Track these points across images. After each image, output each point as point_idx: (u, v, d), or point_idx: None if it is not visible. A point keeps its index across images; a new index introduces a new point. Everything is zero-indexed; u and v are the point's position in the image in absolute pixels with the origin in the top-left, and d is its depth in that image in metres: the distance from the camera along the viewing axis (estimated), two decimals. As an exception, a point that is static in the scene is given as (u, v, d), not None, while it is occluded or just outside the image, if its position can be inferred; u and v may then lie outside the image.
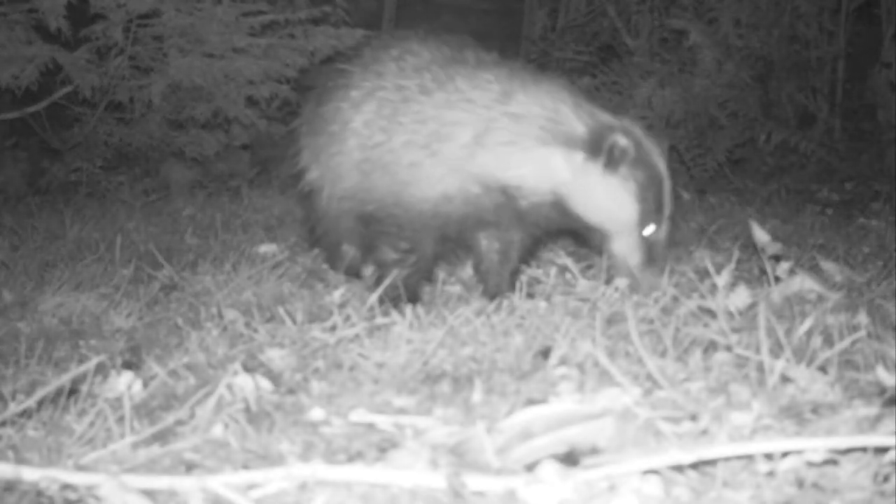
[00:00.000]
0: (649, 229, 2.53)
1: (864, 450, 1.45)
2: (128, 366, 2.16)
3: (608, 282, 2.56)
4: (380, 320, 2.35)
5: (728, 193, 5.15)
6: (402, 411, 1.81)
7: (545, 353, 2.06)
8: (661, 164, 2.53)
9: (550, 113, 2.52)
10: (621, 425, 1.60)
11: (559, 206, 2.54)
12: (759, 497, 1.39)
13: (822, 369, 1.79)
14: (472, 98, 2.57)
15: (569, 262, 2.87)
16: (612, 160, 2.44)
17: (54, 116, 5.10)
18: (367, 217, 2.75)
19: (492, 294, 2.79)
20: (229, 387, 1.87)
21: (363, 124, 2.71)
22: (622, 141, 2.44)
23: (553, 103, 2.54)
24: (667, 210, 2.54)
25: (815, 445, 1.43)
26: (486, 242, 2.85)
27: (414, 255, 2.68)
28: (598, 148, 2.45)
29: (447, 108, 2.58)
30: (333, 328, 2.25)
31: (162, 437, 1.69)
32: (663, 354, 1.98)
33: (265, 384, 1.95)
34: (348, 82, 2.82)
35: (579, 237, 2.80)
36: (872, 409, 1.59)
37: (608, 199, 2.49)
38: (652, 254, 2.54)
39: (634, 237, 2.53)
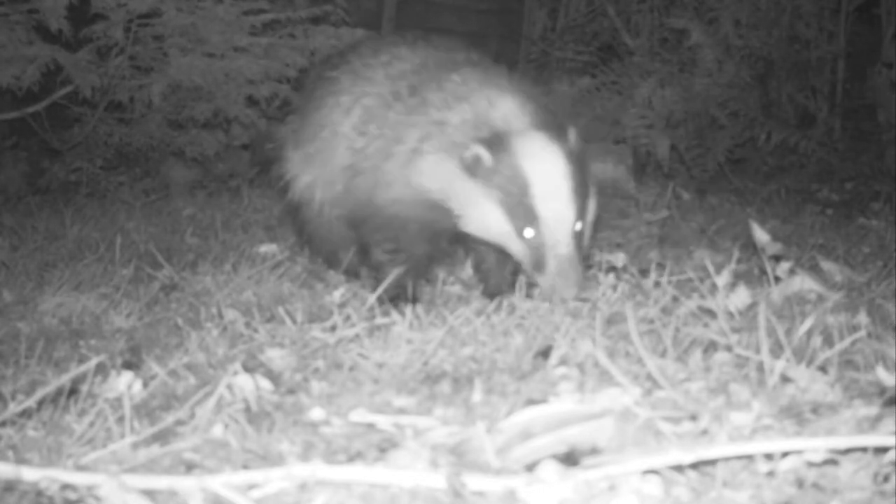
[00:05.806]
0: (528, 232, 2.44)
1: (864, 450, 1.45)
2: (128, 366, 2.16)
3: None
4: (380, 320, 2.35)
5: (728, 193, 5.15)
6: (402, 411, 1.81)
7: (545, 353, 2.06)
8: (535, 169, 2.42)
9: (457, 118, 2.54)
10: (621, 425, 1.60)
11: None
12: (759, 497, 1.39)
13: (822, 369, 1.80)
14: (427, 101, 2.62)
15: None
16: (468, 168, 2.46)
17: (54, 116, 5.10)
18: (352, 222, 2.82)
19: (492, 294, 2.79)
20: (229, 387, 1.87)
21: (351, 128, 2.79)
22: (476, 150, 2.44)
23: (472, 108, 2.55)
24: (544, 213, 2.42)
25: (815, 445, 1.43)
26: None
27: (402, 253, 2.70)
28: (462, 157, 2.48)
29: (407, 113, 2.64)
30: (333, 328, 2.25)
31: (162, 437, 1.69)
32: (663, 354, 1.98)
33: (265, 384, 1.95)
34: (338, 89, 2.88)
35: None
36: (872, 409, 1.59)
37: (473, 205, 2.49)
38: (555, 263, 2.42)
39: (517, 242, 2.48)
